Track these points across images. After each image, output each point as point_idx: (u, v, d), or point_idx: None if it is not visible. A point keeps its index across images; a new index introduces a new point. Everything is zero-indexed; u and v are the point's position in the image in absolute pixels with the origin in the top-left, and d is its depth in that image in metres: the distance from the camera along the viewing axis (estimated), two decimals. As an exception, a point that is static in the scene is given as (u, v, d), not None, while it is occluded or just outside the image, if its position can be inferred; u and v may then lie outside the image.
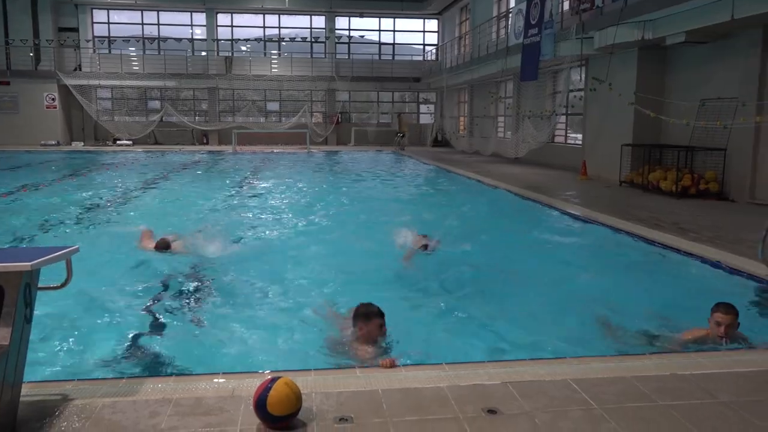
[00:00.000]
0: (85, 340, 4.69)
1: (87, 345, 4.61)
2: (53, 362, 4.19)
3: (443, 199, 14.41)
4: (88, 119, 31.15)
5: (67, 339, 4.65)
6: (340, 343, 4.45)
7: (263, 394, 2.94)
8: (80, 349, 4.53)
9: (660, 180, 12.99)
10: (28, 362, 3.06)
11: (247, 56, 33.56)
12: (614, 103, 15.10)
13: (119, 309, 5.47)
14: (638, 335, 4.83)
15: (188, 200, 12.97)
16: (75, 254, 3.26)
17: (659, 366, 3.77)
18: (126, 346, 4.68)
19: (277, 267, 7.17)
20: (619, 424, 3.01)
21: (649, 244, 8.05)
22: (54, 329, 4.74)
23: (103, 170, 19.91)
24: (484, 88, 26.77)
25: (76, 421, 2.98)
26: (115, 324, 5.10)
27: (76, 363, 4.25)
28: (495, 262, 7.42)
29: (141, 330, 5.02)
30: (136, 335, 4.90)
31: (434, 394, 3.32)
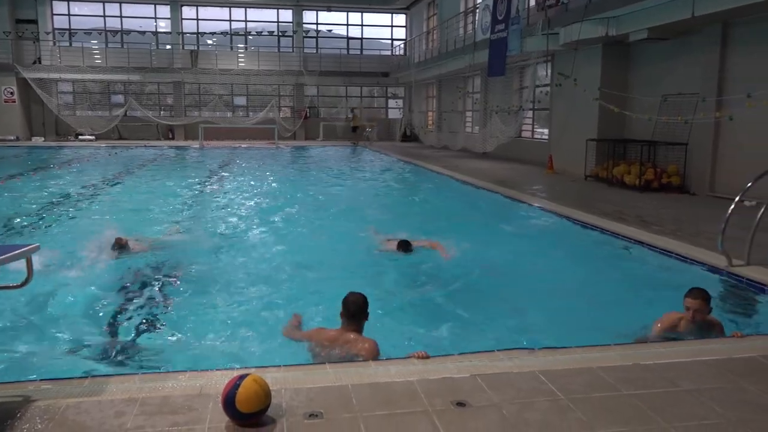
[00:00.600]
0: (48, 340, 4.59)
1: (49, 345, 4.51)
2: (14, 363, 4.08)
3: (411, 194, 14.46)
4: (48, 114, 30.34)
5: (28, 339, 4.54)
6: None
7: (232, 391, 2.91)
8: (42, 349, 4.42)
9: (624, 174, 13.24)
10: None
11: (214, 50, 33.09)
12: (579, 98, 15.33)
13: (82, 308, 5.35)
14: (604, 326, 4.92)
15: (153, 197, 12.76)
16: (35, 253, 3.18)
17: (623, 356, 3.85)
18: (90, 345, 4.58)
19: (245, 263, 7.11)
20: (585, 413, 3.06)
21: (614, 237, 8.20)
22: (14, 329, 4.62)
23: (64, 166, 19.44)
24: (452, 83, 26.90)
25: (38, 422, 2.91)
26: (79, 323, 4.99)
27: (38, 363, 4.15)
28: (461, 256, 7.46)
29: (105, 329, 4.92)
30: (100, 334, 4.80)
31: (404, 388, 3.33)
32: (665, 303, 4.91)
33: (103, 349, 4.55)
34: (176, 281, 6.33)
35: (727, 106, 11.21)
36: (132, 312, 5.37)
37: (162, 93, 33.56)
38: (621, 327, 4.82)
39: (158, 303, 5.67)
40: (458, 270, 6.72)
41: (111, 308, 5.41)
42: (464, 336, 4.82)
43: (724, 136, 11.70)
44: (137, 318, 5.24)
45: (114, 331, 4.91)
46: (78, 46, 30.99)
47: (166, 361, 4.30)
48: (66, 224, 9.77)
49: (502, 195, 12.19)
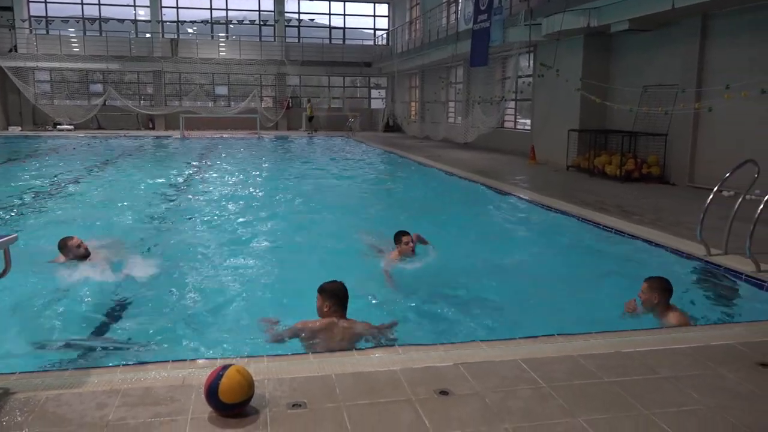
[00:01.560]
0: (26, 332, 4.52)
1: (28, 337, 4.45)
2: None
3: (392, 184, 14.45)
4: (26, 103, 29.83)
5: (6, 330, 4.47)
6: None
7: (215, 381, 2.90)
8: (21, 341, 4.37)
9: (605, 164, 13.36)
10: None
11: (194, 39, 32.72)
12: (561, 89, 15.41)
13: (61, 300, 5.28)
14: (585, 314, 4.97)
15: (133, 187, 12.62)
16: (13, 243, 3.13)
17: (604, 344, 3.89)
18: (70, 336, 4.53)
19: (227, 254, 7.06)
20: (566, 401, 3.10)
21: (595, 226, 8.28)
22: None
23: (42, 156, 19.15)
24: (435, 74, 26.88)
25: (18, 415, 2.87)
26: (58, 315, 4.93)
27: (17, 356, 4.10)
28: (444, 246, 7.48)
29: (86, 320, 4.87)
30: (80, 325, 4.75)
31: (387, 377, 3.34)
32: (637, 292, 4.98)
33: (83, 340, 4.50)
34: (160, 271, 6.27)
35: (707, 97, 11.34)
36: (113, 303, 5.31)
37: (142, 82, 33.14)
38: (600, 315, 4.89)
39: (142, 293, 5.61)
40: (439, 261, 6.74)
41: (92, 299, 5.34)
42: (446, 326, 4.84)
43: (703, 127, 11.84)
44: (118, 309, 5.19)
45: (94, 322, 4.85)
46: (55, 34, 30.46)
47: (148, 352, 4.27)
48: (43, 215, 9.62)
49: (484, 185, 12.23)
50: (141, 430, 2.77)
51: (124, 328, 4.78)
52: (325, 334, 4.30)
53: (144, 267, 6.20)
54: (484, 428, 2.84)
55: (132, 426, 2.80)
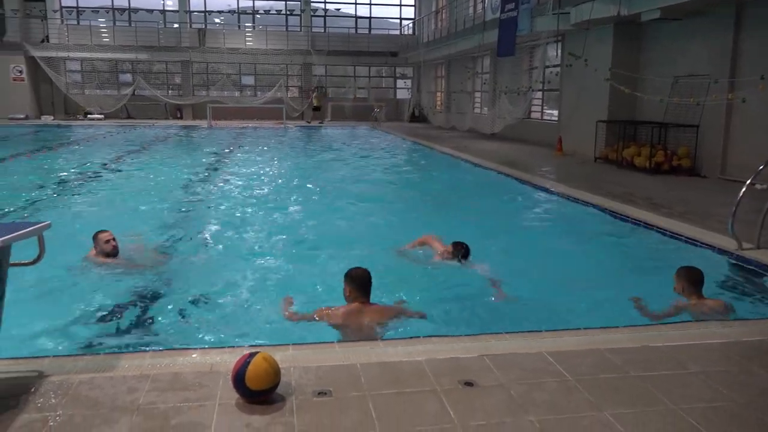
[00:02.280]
0: (61, 316, 4.63)
1: (63, 321, 4.55)
2: (29, 338, 4.13)
3: (418, 174, 14.43)
4: (57, 92, 30.38)
5: (42, 315, 4.59)
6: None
7: (242, 368, 2.94)
8: (56, 325, 4.47)
9: (634, 156, 13.15)
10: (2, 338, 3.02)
11: (221, 29, 32.93)
12: (590, 79, 15.19)
13: (95, 284, 5.40)
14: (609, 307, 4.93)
15: (162, 176, 12.80)
16: (47, 230, 3.20)
17: (631, 338, 3.85)
18: (103, 322, 4.63)
19: (256, 243, 7.13)
20: (592, 394, 3.08)
21: (623, 219, 8.17)
22: (28, 305, 4.67)
23: (73, 145, 19.52)
24: (461, 64, 26.69)
25: (52, 397, 2.95)
26: (92, 299, 5.04)
27: (52, 339, 4.20)
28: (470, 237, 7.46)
29: (118, 305, 4.97)
30: (113, 311, 4.85)
31: (412, 368, 3.36)
32: (672, 286, 4.92)
33: (115, 325, 4.59)
34: (190, 259, 6.37)
35: (740, 88, 11.08)
36: (144, 289, 5.41)
37: (170, 72, 33.50)
38: (627, 309, 4.84)
39: (171, 280, 5.71)
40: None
41: (123, 286, 5.45)
42: (470, 317, 4.83)
43: (737, 119, 11.58)
44: (149, 294, 5.29)
45: (126, 308, 4.95)
46: (86, 25, 30.91)
47: (177, 339, 4.35)
48: (76, 202, 9.82)
49: (511, 176, 12.15)
50: (170, 414, 2.83)
51: (153, 316, 4.86)
52: (350, 319, 4.38)
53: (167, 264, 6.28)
54: (509, 420, 2.83)
55: (162, 410, 2.86)
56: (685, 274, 4.84)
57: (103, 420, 2.77)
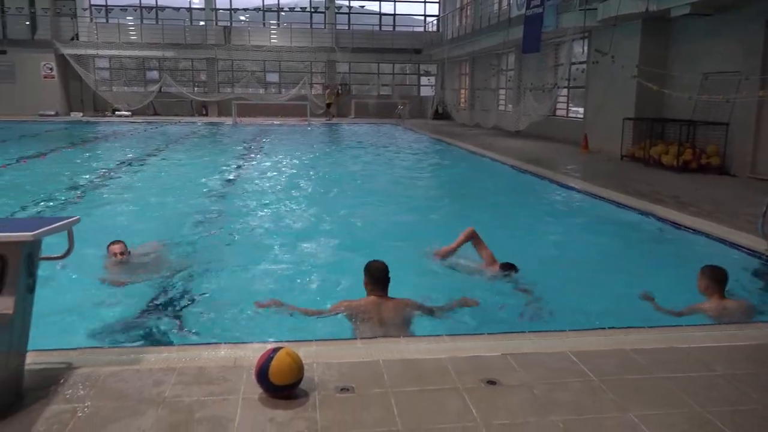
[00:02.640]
0: (89, 309, 4.72)
1: (91, 314, 4.64)
2: (58, 330, 4.22)
3: (441, 172, 14.38)
4: (86, 89, 30.89)
5: (70, 308, 4.68)
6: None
7: (265, 363, 2.97)
8: (84, 318, 4.56)
9: (661, 154, 12.95)
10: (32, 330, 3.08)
11: (246, 26, 33.16)
12: (617, 75, 14.99)
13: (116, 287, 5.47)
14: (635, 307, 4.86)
15: (189, 172, 12.95)
16: (76, 225, 3.26)
17: (657, 339, 3.80)
18: (129, 315, 4.71)
19: (280, 239, 7.18)
20: (616, 395, 3.05)
21: (649, 217, 8.06)
22: (57, 298, 4.76)
23: (102, 141, 19.84)
24: (486, 61, 26.52)
25: (81, 389, 3.01)
26: (119, 293, 5.12)
27: (80, 331, 4.28)
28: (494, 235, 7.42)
29: (144, 300, 5.04)
30: (139, 305, 4.92)
31: (434, 365, 3.35)
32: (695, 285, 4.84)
33: (141, 319, 4.66)
34: (215, 255, 6.44)
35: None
36: (170, 283, 5.48)
37: (196, 69, 33.86)
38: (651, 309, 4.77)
39: (196, 276, 5.77)
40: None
41: (150, 281, 5.53)
42: (493, 316, 4.81)
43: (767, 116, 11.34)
44: (174, 289, 5.36)
45: (152, 302, 5.02)
46: (114, 23, 31.36)
47: (202, 333, 4.40)
48: (105, 197, 9.98)
49: (536, 174, 12.05)
50: (195, 407, 2.87)
51: (179, 311, 4.92)
52: (367, 312, 4.40)
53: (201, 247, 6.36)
54: (533, 419, 2.82)
55: (187, 403, 2.90)
56: (710, 272, 4.78)
57: (129, 412, 2.82)
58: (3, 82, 29.35)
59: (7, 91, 29.20)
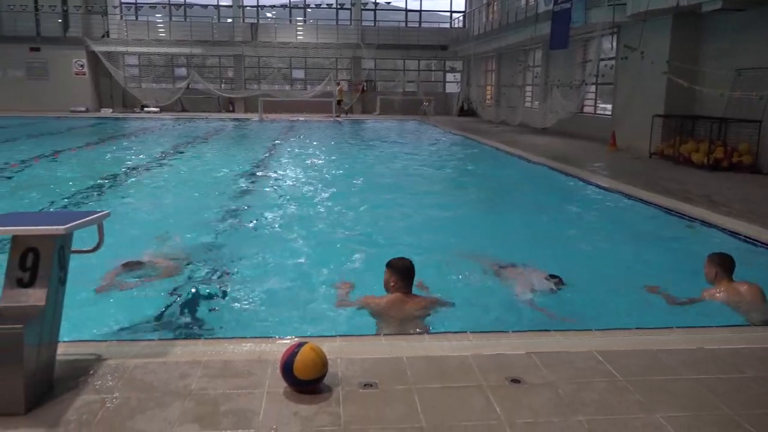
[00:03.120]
0: (118, 302, 4.80)
1: (120, 306, 4.72)
2: (88, 322, 4.30)
3: (466, 169, 14.31)
4: (116, 86, 31.40)
5: (100, 300, 4.77)
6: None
7: (290, 358, 2.99)
8: (113, 310, 4.64)
9: (692, 152, 12.72)
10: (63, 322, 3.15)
11: (273, 23, 33.36)
12: (646, 72, 14.75)
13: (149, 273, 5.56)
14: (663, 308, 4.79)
15: (217, 167, 13.09)
16: (106, 219, 3.33)
17: (686, 340, 3.74)
18: (157, 308, 4.78)
19: (305, 235, 7.21)
20: (643, 395, 3.00)
21: (679, 217, 7.93)
22: (87, 291, 4.86)
23: (131, 137, 20.16)
24: (512, 57, 26.31)
25: (110, 380, 3.07)
26: (145, 287, 5.20)
27: (110, 324, 4.36)
28: (520, 234, 7.38)
29: (171, 293, 5.11)
30: (167, 298, 4.99)
31: (458, 363, 3.35)
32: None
33: (169, 312, 4.73)
34: (241, 250, 6.50)
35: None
36: (195, 278, 5.55)
37: (223, 66, 34.20)
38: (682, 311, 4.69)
39: (222, 270, 5.84)
40: (513, 246, 6.64)
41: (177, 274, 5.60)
42: (517, 314, 4.77)
43: (803, 113, 11.06)
44: (200, 283, 5.42)
45: (180, 295, 5.09)
46: (143, 20, 31.83)
47: (228, 328, 4.45)
48: (135, 192, 10.14)
49: (562, 172, 11.92)
50: (221, 400, 2.90)
51: (205, 305, 4.98)
52: (392, 310, 4.41)
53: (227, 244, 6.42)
54: (557, 419, 2.79)
55: (212, 396, 2.94)
56: (718, 259, 4.87)
57: (156, 403, 2.86)
58: (37, 79, 30.01)
59: (41, 87, 29.86)
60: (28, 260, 2.90)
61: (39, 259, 2.91)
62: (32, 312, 2.82)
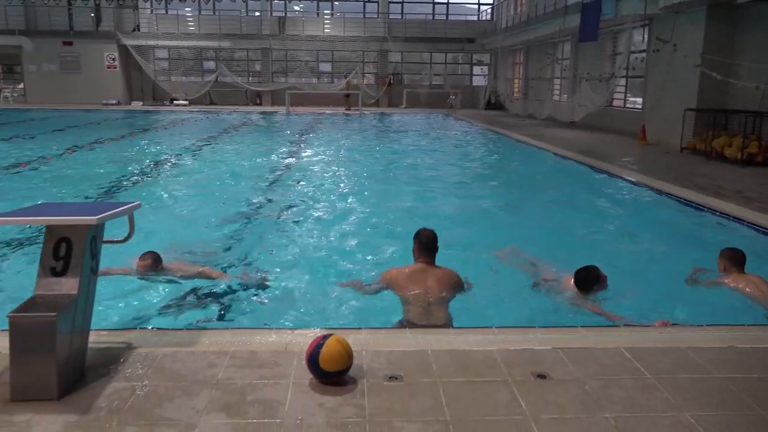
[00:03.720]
0: (148, 291, 4.88)
1: (149, 296, 4.80)
2: (119, 312, 4.38)
3: (493, 163, 14.21)
4: (146, 79, 31.85)
5: (130, 290, 4.85)
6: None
7: (315, 350, 3.01)
8: (143, 299, 4.72)
9: (724, 147, 12.44)
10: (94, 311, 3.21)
11: (300, 16, 33.45)
12: (679, 64, 14.46)
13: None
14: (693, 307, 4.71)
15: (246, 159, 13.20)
16: (137, 210, 3.38)
17: (716, 338, 3.67)
18: (184, 298, 4.85)
19: (332, 228, 7.24)
20: (672, 394, 2.96)
21: (711, 213, 7.77)
22: (117, 280, 4.95)
23: (161, 129, 20.44)
24: (541, 49, 26.02)
25: (139, 368, 3.13)
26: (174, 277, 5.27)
27: (139, 313, 4.44)
28: (547, 229, 7.31)
29: (198, 283, 5.18)
30: (193, 288, 5.06)
31: (483, 357, 3.33)
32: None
33: (196, 302, 4.80)
34: (268, 242, 6.56)
35: None
36: (223, 269, 5.61)
37: (251, 59, 34.42)
38: (712, 309, 4.60)
39: (249, 262, 5.90)
40: (540, 242, 6.58)
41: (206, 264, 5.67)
42: (542, 309, 4.73)
43: (842, 107, 10.74)
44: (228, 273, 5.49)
45: (207, 285, 5.15)
46: (173, 14, 32.15)
47: (254, 318, 4.50)
48: (163, 183, 10.29)
49: (590, 166, 11.77)
50: (247, 390, 2.94)
51: (233, 296, 5.04)
52: (413, 279, 4.51)
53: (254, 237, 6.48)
54: (584, 415, 2.77)
55: (239, 386, 2.97)
56: (729, 253, 5.02)
57: (184, 392, 2.91)
58: (70, 73, 30.60)
59: (73, 81, 30.44)
60: (61, 250, 2.97)
61: (72, 248, 2.97)
62: (65, 300, 2.89)
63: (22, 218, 3.47)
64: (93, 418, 2.69)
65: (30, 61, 30.53)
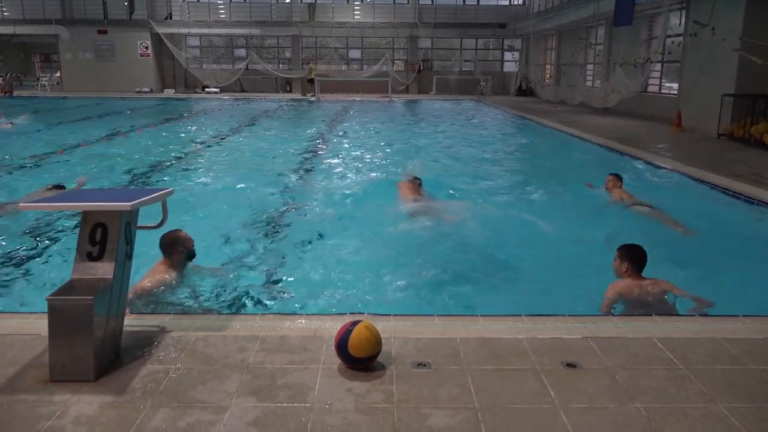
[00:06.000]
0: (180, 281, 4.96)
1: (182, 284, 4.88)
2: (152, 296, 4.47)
3: (524, 150, 14.05)
4: (178, 67, 32.21)
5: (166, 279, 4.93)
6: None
7: (345, 336, 3.04)
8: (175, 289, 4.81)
9: (764, 133, 12.09)
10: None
11: (330, 3, 33.39)
12: (717, 49, 14.06)
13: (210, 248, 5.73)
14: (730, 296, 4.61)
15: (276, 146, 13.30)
16: (170, 196, 3.44)
17: (752, 329, 3.59)
18: (217, 284, 4.92)
19: (363, 215, 7.25)
20: (705, 385, 2.91)
21: (749, 202, 7.58)
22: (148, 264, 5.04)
23: (194, 116, 20.69)
24: (573, 34, 25.54)
25: (172, 351, 3.20)
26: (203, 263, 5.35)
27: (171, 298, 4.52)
28: (578, 216, 7.21)
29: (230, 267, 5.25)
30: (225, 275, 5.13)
31: (512, 345, 3.32)
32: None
33: (228, 288, 4.87)
34: (299, 229, 6.61)
35: None
36: (254, 254, 5.68)
37: (281, 46, 34.53)
38: (750, 299, 4.51)
39: (281, 248, 5.96)
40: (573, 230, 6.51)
41: (234, 253, 5.75)
42: (574, 298, 4.69)
43: None
44: (258, 259, 5.55)
45: (238, 269, 5.23)
46: (204, 2, 32.40)
47: (284, 304, 4.55)
48: (196, 170, 10.42)
49: (624, 153, 11.56)
50: (277, 375, 2.98)
51: (263, 282, 5.10)
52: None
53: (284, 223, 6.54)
54: (613, 405, 2.75)
55: (269, 370, 3.02)
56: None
57: (216, 375, 2.96)
58: (105, 61, 31.14)
59: (108, 69, 30.98)
60: (97, 235, 3.04)
61: (107, 234, 3.04)
62: (101, 284, 2.96)
63: (59, 204, 3.57)
64: (128, 399, 2.76)
65: (66, 50, 31.14)
